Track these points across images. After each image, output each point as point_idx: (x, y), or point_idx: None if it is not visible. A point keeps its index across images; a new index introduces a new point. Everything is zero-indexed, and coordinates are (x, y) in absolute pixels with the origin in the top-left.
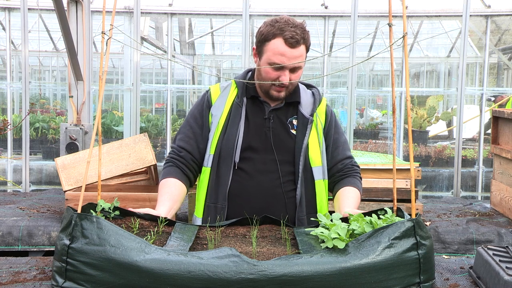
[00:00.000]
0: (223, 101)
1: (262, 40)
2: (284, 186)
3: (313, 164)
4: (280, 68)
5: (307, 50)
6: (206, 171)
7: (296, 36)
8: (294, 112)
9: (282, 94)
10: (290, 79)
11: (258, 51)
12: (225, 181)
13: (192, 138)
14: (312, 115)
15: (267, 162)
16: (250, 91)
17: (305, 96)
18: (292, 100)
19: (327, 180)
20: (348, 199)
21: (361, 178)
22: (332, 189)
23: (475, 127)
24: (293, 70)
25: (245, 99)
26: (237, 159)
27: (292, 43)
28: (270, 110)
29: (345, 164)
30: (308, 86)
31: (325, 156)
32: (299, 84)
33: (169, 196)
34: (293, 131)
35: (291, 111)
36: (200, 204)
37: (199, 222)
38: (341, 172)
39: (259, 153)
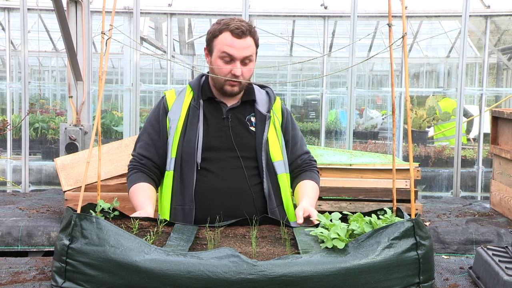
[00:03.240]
0: (180, 105)
1: (210, 38)
2: (250, 181)
3: (274, 159)
4: (231, 61)
5: (257, 45)
6: (169, 175)
7: (242, 27)
8: (251, 110)
9: (236, 88)
10: (242, 73)
11: (209, 49)
12: (190, 182)
13: (151, 145)
14: (268, 112)
15: (230, 160)
16: (206, 93)
17: (260, 95)
18: (247, 98)
19: (289, 174)
20: (307, 191)
21: (318, 172)
22: (291, 183)
23: (475, 127)
24: (244, 62)
25: (201, 101)
26: (199, 160)
27: (238, 33)
28: (227, 109)
29: (304, 159)
30: (262, 87)
31: (285, 151)
32: (253, 84)
33: (149, 199)
34: (252, 128)
35: (248, 109)
36: (165, 207)
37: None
38: (300, 167)
39: (221, 152)
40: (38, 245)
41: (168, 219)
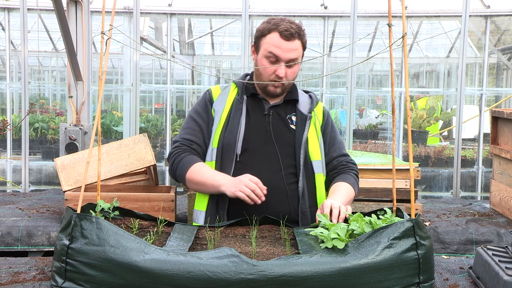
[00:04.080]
0: (224, 98)
1: (259, 36)
2: (286, 178)
3: (313, 158)
4: (276, 62)
5: (304, 48)
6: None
7: (291, 29)
8: (293, 109)
9: (279, 90)
10: (286, 74)
11: (256, 47)
12: (227, 173)
13: (199, 131)
14: (310, 112)
15: (268, 156)
16: (250, 89)
17: (303, 97)
18: (290, 98)
19: (325, 176)
20: (335, 191)
21: (356, 175)
22: (327, 187)
23: (475, 127)
24: (289, 65)
25: (245, 97)
26: (238, 151)
27: (286, 36)
28: (269, 106)
29: (340, 161)
30: (305, 92)
31: (323, 152)
32: (297, 88)
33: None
34: (293, 126)
35: (290, 108)
36: (205, 198)
37: (202, 215)
38: (336, 169)
39: (260, 147)
40: (38, 245)
41: (204, 209)
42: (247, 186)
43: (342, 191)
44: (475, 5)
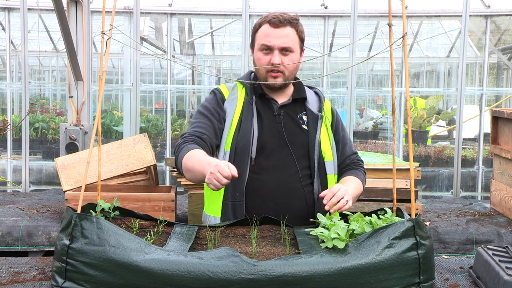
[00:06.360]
0: (234, 98)
1: (253, 33)
2: (303, 180)
3: (326, 158)
4: (270, 51)
5: (300, 38)
6: None
7: (280, 17)
8: (302, 108)
9: (279, 80)
10: (282, 62)
11: (251, 44)
12: (242, 177)
13: (210, 126)
14: (320, 111)
15: (283, 157)
16: (258, 90)
17: (310, 94)
18: (298, 96)
19: (336, 176)
20: (348, 183)
21: (365, 173)
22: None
23: (475, 127)
24: (284, 52)
25: (254, 97)
26: (253, 154)
27: (275, 23)
28: (278, 106)
29: (352, 159)
30: (309, 87)
31: (335, 152)
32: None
33: (207, 156)
34: (304, 127)
35: (299, 107)
36: (217, 203)
37: (217, 221)
38: (347, 167)
39: (274, 149)
40: (39, 245)
41: (219, 215)
42: (218, 181)
43: (352, 184)
44: (475, 5)
